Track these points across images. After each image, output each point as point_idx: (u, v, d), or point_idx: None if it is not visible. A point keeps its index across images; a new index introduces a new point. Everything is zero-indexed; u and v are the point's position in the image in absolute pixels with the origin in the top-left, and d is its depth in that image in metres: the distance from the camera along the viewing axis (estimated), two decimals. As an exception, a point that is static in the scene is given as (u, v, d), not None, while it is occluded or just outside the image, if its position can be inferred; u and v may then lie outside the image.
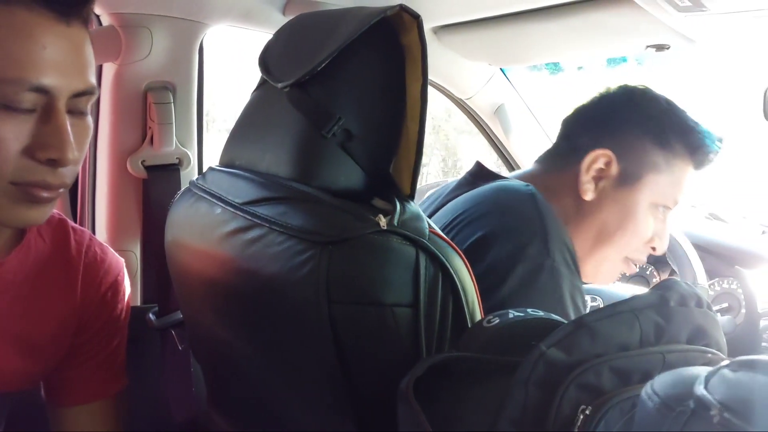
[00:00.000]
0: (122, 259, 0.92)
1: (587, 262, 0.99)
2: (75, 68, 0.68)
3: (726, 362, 0.40)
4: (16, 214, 0.70)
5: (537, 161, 1.07)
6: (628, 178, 0.97)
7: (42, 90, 0.65)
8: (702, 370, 0.41)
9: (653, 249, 1.02)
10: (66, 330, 0.84)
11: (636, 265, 1.05)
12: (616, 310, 0.57)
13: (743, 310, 1.40)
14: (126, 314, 0.92)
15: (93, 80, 0.71)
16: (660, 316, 0.57)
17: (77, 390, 0.87)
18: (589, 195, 0.97)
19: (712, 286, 1.48)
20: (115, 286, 0.89)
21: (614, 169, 0.97)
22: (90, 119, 0.74)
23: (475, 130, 1.70)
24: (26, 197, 0.68)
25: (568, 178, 0.99)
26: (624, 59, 1.58)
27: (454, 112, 1.85)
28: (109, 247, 0.91)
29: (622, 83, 1.02)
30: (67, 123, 0.68)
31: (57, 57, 0.66)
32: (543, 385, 0.52)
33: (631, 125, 0.98)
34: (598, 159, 0.97)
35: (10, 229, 0.79)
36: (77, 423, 0.87)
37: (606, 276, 1.05)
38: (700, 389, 0.37)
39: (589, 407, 0.51)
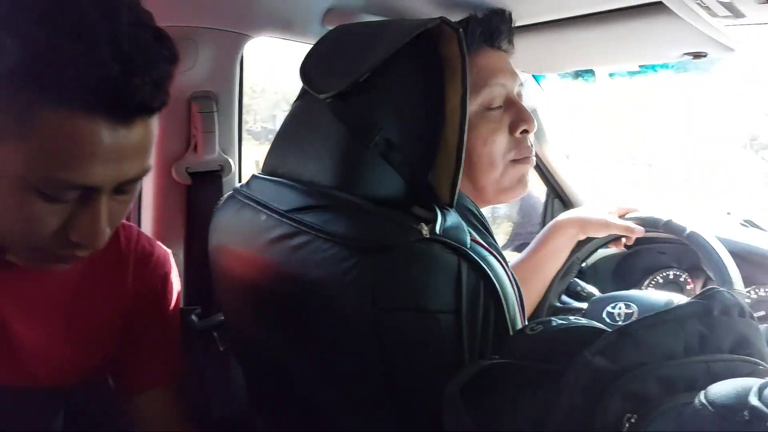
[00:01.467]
0: (169, 250, 0.94)
1: (486, 189, 0.98)
2: (128, 160, 0.65)
3: (778, 373, 0.40)
4: (43, 266, 0.73)
5: None
6: None
7: (87, 187, 0.64)
8: (754, 381, 0.41)
9: (525, 132, 0.97)
10: (119, 321, 0.87)
11: (528, 159, 0.99)
12: (660, 318, 0.57)
13: (781, 318, 1.37)
14: (177, 303, 0.94)
15: (147, 163, 0.68)
16: (704, 326, 0.57)
17: (137, 377, 0.90)
18: None
19: (749, 294, 1.46)
20: (165, 277, 0.92)
21: None
22: (134, 193, 0.72)
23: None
24: (55, 259, 0.70)
25: None
26: (654, 67, 1.57)
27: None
28: (156, 240, 0.94)
29: None
30: (105, 212, 0.66)
31: (110, 157, 0.63)
32: (588, 393, 0.53)
33: None
34: None
35: None
36: (144, 407, 0.90)
37: (515, 188, 0.99)
38: (754, 400, 0.38)
39: (635, 415, 0.52)
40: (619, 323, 1.37)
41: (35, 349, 0.78)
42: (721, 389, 0.43)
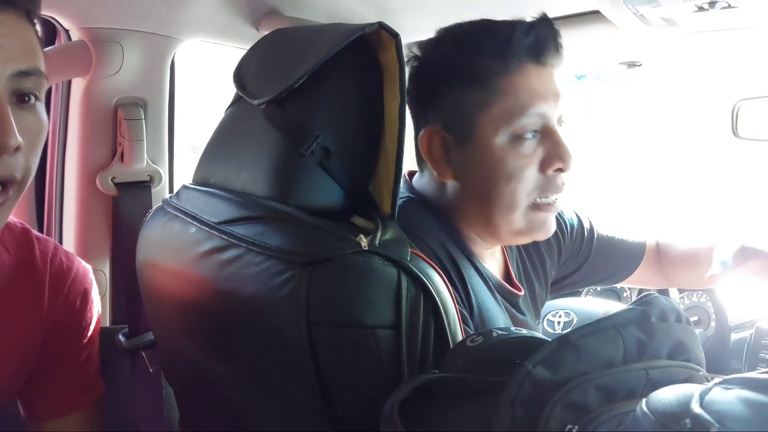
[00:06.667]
0: (89, 266, 0.90)
1: (500, 230, 0.88)
2: (12, 50, 0.66)
3: (718, 380, 0.40)
4: None
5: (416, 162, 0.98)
6: (464, 135, 0.86)
7: None
8: (695, 388, 0.41)
9: (559, 170, 0.86)
10: (34, 343, 0.82)
11: (554, 199, 0.88)
12: (600, 326, 0.56)
13: (713, 323, 1.42)
14: (97, 322, 0.90)
15: (37, 63, 0.68)
16: (642, 332, 0.57)
17: (54, 403, 0.85)
18: (446, 176, 0.88)
19: (682, 300, 1.50)
20: (84, 294, 0.87)
21: (448, 137, 0.87)
22: (42, 111, 0.71)
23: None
24: None
25: (429, 167, 0.91)
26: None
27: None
28: (75, 255, 0.89)
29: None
30: (7, 106, 0.65)
31: None
32: (529, 404, 0.52)
33: (437, 84, 0.88)
34: (431, 139, 0.87)
35: None
36: None
37: (533, 232, 0.89)
38: (696, 407, 0.37)
39: (576, 426, 0.51)
40: (559, 331, 1.40)
41: None
42: (662, 397, 0.43)
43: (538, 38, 0.84)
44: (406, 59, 0.92)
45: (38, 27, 0.73)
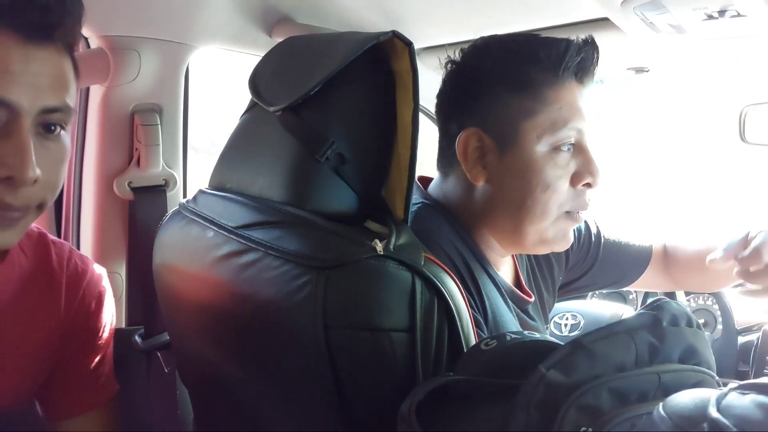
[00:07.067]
0: (104, 268, 0.91)
1: (526, 237, 0.91)
2: (44, 86, 0.67)
3: (734, 384, 0.41)
4: None
5: (437, 167, 1.00)
6: (506, 140, 0.88)
7: (4, 105, 0.64)
8: (711, 393, 0.41)
9: (588, 185, 0.90)
10: (51, 344, 0.83)
11: (579, 214, 0.92)
12: (612, 330, 0.57)
13: (719, 326, 1.43)
14: (111, 323, 0.91)
15: (68, 100, 0.69)
16: (654, 337, 0.58)
17: (68, 403, 0.87)
18: (479, 179, 0.90)
19: (688, 302, 1.51)
20: (99, 296, 0.89)
21: (488, 140, 0.89)
22: (67, 139, 0.72)
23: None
24: None
25: (459, 171, 0.92)
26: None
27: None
28: (89, 258, 0.91)
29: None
30: (30, 141, 0.65)
31: (24, 75, 0.65)
32: (544, 407, 0.53)
33: (481, 88, 0.90)
34: (468, 142, 0.89)
35: None
36: None
37: (557, 242, 0.93)
38: (713, 412, 0.38)
39: (590, 428, 0.52)
40: (566, 334, 1.40)
41: None
42: (679, 401, 0.44)
43: (584, 59, 0.89)
44: (443, 63, 0.95)
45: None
